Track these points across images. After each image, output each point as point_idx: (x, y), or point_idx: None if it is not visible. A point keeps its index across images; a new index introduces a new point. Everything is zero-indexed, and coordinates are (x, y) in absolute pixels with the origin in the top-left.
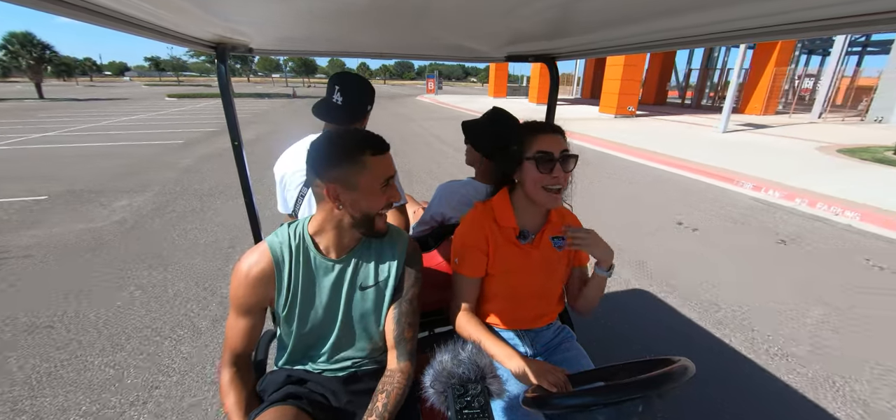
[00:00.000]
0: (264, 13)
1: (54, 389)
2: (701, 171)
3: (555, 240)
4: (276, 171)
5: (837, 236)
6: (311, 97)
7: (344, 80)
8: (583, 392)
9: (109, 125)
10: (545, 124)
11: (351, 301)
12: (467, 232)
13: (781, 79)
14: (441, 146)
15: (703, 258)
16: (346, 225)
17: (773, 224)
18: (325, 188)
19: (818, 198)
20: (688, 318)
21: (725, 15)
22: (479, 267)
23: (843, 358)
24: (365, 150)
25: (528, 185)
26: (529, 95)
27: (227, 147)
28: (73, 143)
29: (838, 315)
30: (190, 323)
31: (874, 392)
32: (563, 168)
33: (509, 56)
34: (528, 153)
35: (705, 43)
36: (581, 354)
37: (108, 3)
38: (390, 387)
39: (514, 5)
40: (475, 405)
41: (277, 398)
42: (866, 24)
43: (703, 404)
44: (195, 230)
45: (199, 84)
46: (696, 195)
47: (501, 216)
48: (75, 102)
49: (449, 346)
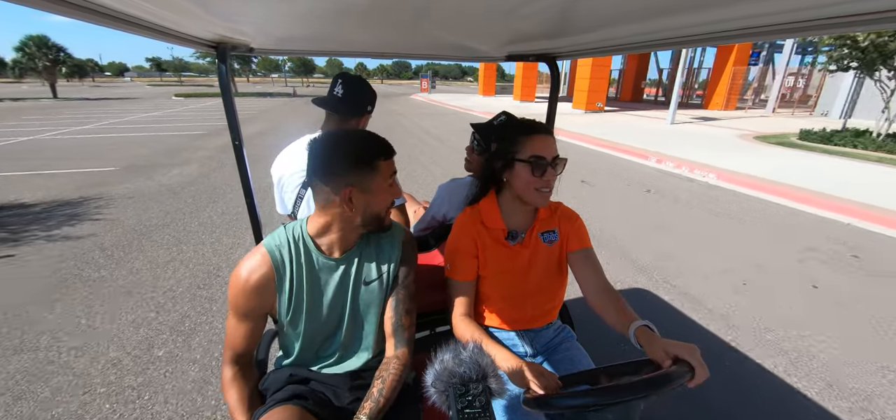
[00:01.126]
0: (265, 13)
1: (194, 248)
2: (624, 151)
3: (545, 235)
4: (274, 172)
5: (692, 189)
6: (309, 96)
7: (347, 76)
8: (583, 392)
9: (133, 120)
10: (539, 125)
11: (356, 297)
12: (455, 237)
13: (740, 77)
14: (424, 136)
15: (593, 203)
16: (356, 225)
17: (652, 182)
18: (340, 192)
19: (697, 166)
20: (689, 317)
21: (725, 14)
22: (470, 270)
23: (675, 259)
24: (379, 155)
25: (519, 186)
26: (513, 93)
27: (246, 134)
28: (109, 133)
29: (673, 235)
30: (245, 224)
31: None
32: (554, 170)
33: (510, 55)
34: (522, 155)
35: (705, 42)
36: (581, 354)
37: (110, 2)
38: (387, 373)
39: (515, 5)
40: (476, 405)
41: (282, 397)
42: (864, 23)
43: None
44: (235, 182)
45: (201, 84)
46: (609, 166)
47: (489, 218)
48: (88, 101)
49: (450, 346)
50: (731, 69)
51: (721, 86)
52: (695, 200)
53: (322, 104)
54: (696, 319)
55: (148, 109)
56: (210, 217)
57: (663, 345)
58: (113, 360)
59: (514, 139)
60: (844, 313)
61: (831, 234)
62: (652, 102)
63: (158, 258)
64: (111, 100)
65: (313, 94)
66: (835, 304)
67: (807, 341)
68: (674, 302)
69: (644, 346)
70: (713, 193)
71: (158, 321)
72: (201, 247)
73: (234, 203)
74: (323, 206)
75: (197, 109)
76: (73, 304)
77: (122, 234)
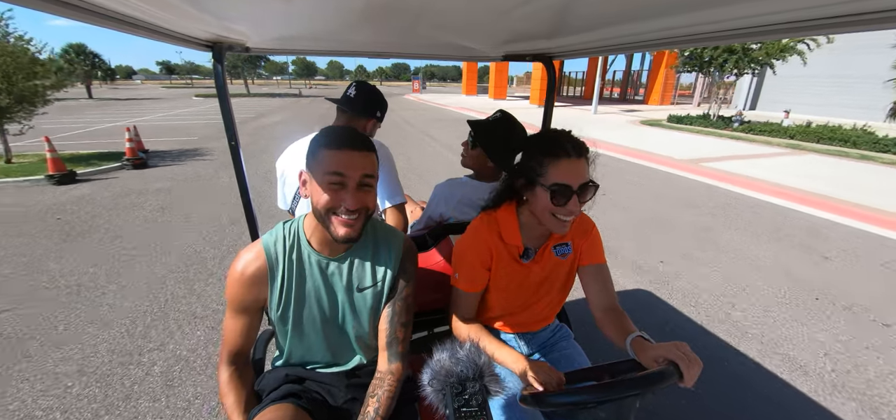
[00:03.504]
0: (261, 12)
1: (255, 167)
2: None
3: (557, 248)
4: (278, 166)
5: None
6: (314, 96)
7: (361, 82)
8: (579, 390)
9: (177, 114)
10: (567, 146)
11: (346, 302)
12: (471, 245)
13: (672, 78)
14: (402, 125)
15: None
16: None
17: None
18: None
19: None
20: (689, 317)
21: (722, 15)
22: (480, 282)
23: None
24: (323, 143)
25: (538, 210)
26: (489, 92)
27: (273, 121)
28: (169, 122)
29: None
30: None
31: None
32: (580, 198)
33: (507, 55)
34: (544, 180)
35: (702, 42)
36: (577, 352)
37: (106, 3)
38: (381, 390)
39: (513, 5)
40: (473, 404)
41: (277, 396)
42: (861, 23)
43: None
44: (278, 140)
45: (210, 86)
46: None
47: (507, 233)
48: (119, 101)
49: (447, 345)
50: (664, 71)
51: (657, 85)
52: None
53: (334, 101)
54: (693, 318)
55: (178, 107)
56: (260, 160)
57: (653, 351)
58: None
59: (539, 159)
60: (628, 216)
61: (635, 173)
62: (607, 99)
63: (245, 170)
64: (139, 100)
65: (317, 95)
66: (622, 209)
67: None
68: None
69: (638, 354)
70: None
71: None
72: (260, 166)
73: (269, 156)
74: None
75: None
76: (222, 176)
77: (222, 161)
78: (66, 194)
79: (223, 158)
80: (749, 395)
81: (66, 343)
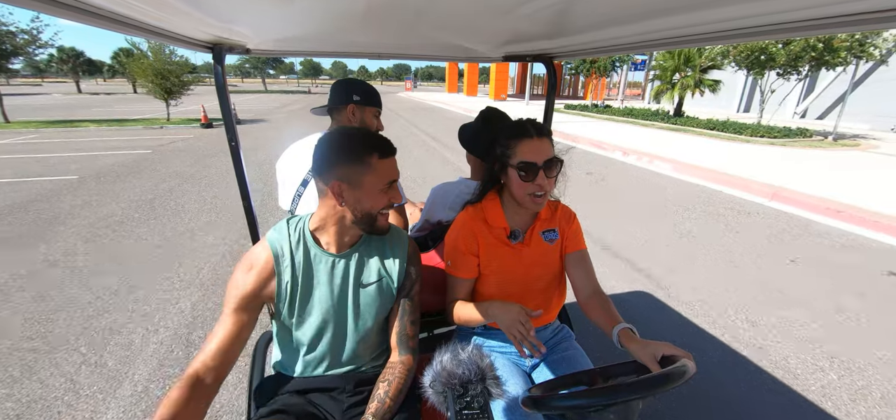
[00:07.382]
0: (261, 13)
1: (289, 132)
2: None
3: (546, 234)
4: (279, 166)
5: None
6: (322, 93)
7: (336, 81)
8: (582, 393)
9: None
10: (529, 128)
11: (351, 296)
12: (457, 235)
13: (603, 78)
14: (386, 112)
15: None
16: (348, 222)
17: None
18: (330, 184)
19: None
20: (689, 319)
21: (721, 15)
22: (471, 268)
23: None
24: (373, 151)
25: (514, 191)
26: (464, 89)
27: (295, 108)
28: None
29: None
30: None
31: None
32: (547, 174)
33: (507, 56)
34: (512, 160)
35: (702, 42)
36: (580, 354)
37: (106, 4)
38: (392, 376)
39: (513, 5)
40: (475, 406)
41: (264, 413)
42: (859, 23)
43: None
44: (295, 121)
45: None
46: (454, 120)
47: (491, 217)
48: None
49: (449, 347)
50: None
51: (593, 84)
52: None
53: (320, 109)
54: (687, 316)
55: (206, 101)
56: (292, 126)
57: (650, 348)
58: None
59: (505, 142)
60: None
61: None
62: (537, 95)
63: (292, 126)
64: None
65: (324, 92)
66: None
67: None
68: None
69: (627, 346)
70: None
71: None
72: (291, 132)
73: (294, 128)
74: (320, 200)
75: (248, 99)
76: (282, 130)
77: (283, 123)
78: (208, 131)
79: (276, 121)
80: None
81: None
